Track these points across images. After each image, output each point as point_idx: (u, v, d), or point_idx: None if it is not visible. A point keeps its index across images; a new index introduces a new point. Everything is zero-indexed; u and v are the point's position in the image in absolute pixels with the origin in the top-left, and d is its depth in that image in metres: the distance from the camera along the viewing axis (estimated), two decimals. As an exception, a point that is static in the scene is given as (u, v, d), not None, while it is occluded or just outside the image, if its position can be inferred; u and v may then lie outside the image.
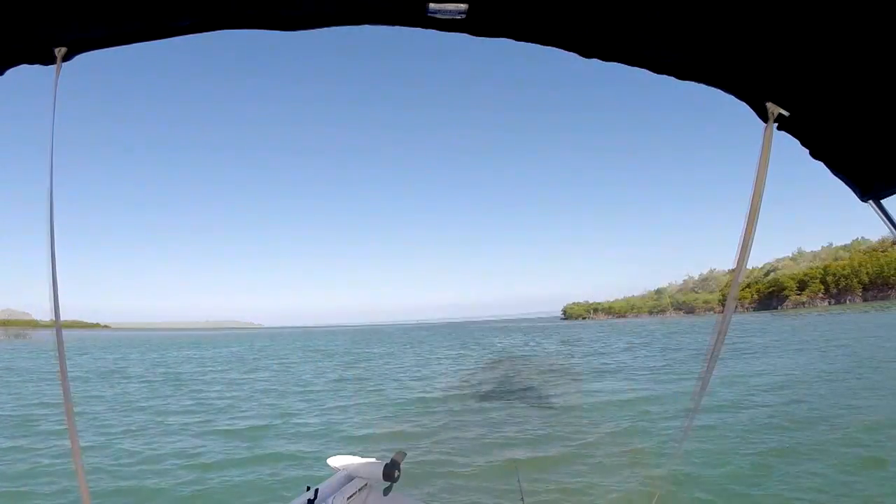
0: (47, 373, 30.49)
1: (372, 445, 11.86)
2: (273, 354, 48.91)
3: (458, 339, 71.71)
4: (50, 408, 17.08)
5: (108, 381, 26.45)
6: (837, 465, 8.84)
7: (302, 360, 41.21)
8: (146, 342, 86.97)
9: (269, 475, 9.59)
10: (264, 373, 30.52)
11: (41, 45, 1.34)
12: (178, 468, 10.15)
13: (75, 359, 41.93)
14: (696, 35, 1.39)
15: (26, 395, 20.56)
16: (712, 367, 1.73)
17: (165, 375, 29.43)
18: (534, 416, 14.55)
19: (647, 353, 33.91)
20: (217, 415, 16.38)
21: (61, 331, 1.42)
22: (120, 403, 18.67)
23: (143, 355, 49.11)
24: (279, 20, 1.37)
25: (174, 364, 38.51)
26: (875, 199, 1.67)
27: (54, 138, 1.44)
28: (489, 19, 1.37)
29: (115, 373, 31.13)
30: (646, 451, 10.38)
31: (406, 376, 26.08)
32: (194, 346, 71.03)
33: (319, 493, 3.28)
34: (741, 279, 1.63)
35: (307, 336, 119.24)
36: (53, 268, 1.39)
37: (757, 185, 1.48)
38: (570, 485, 8.54)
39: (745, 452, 9.76)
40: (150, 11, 1.31)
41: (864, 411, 12.76)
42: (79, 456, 1.44)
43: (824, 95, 1.47)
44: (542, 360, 33.10)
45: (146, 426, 14.35)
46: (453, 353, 43.75)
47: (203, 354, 50.62)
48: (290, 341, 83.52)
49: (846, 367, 21.13)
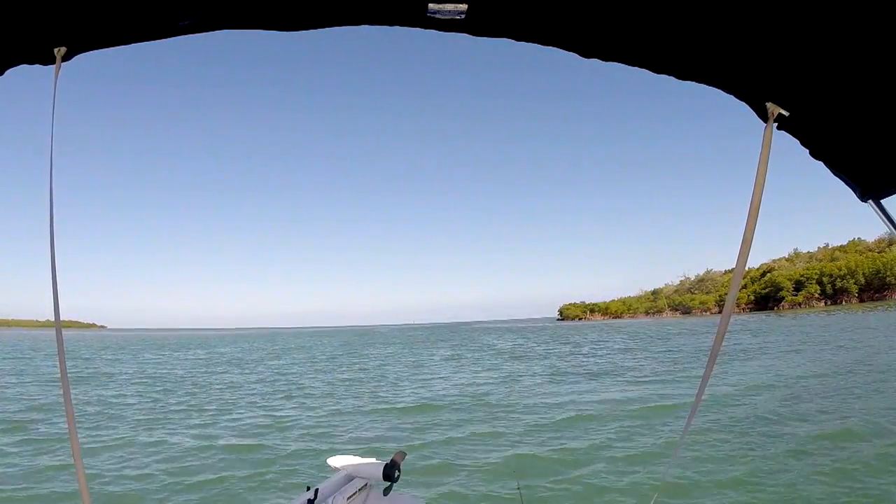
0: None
1: (372, 445, 11.87)
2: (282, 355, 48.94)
3: (457, 339, 71.85)
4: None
5: (100, 381, 26.42)
6: (838, 466, 8.89)
7: (299, 361, 41.20)
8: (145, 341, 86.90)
9: (269, 475, 9.61)
10: (264, 373, 30.56)
11: (41, 45, 1.34)
12: (176, 469, 10.16)
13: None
14: (696, 35, 1.39)
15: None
16: (711, 368, 1.72)
17: (166, 376, 29.45)
18: (533, 415, 14.59)
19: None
20: (216, 414, 16.41)
21: (61, 331, 1.41)
22: (119, 403, 18.67)
23: (140, 355, 49.17)
24: (279, 20, 1.37)
25: (174, 364, 38.53)
26: (875, 198, 1.68)
27: (54, 139, 1.44)
28: (489, 19, 1.38)
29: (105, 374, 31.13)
30: (645, 451, 10.42)
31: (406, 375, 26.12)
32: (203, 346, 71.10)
33: (319, 493, 3.27)
34: (740, 279, 1.62)
35: (301, 336, 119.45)
36: (53, 268, 1.38)
37: (757, 184, 1.49)
38: (569, 484, 8.56)
39: (745, 452, 9.80)
40: (150, 11, 1.31)
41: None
42: (79, 456, 1.44)
43: (824, 95, 1.47)
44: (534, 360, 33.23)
45: (146, 425, 14.35)
46: (448, 353, 43.91)
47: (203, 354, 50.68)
48: (287, 341, 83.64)
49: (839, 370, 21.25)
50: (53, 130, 1.44)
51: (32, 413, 16.48)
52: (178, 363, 40.39)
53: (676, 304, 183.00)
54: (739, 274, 1.58)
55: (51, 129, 1.44)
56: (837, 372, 20.37)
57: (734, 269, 1.57)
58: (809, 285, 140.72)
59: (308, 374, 29.54)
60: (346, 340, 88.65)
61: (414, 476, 9.00)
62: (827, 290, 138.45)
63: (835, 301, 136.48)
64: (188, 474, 9.79)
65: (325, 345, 71.09)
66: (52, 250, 1.39)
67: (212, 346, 73.23)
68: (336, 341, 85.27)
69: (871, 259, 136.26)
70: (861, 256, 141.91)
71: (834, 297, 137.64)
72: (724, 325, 1.67)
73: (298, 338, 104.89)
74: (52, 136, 1.44)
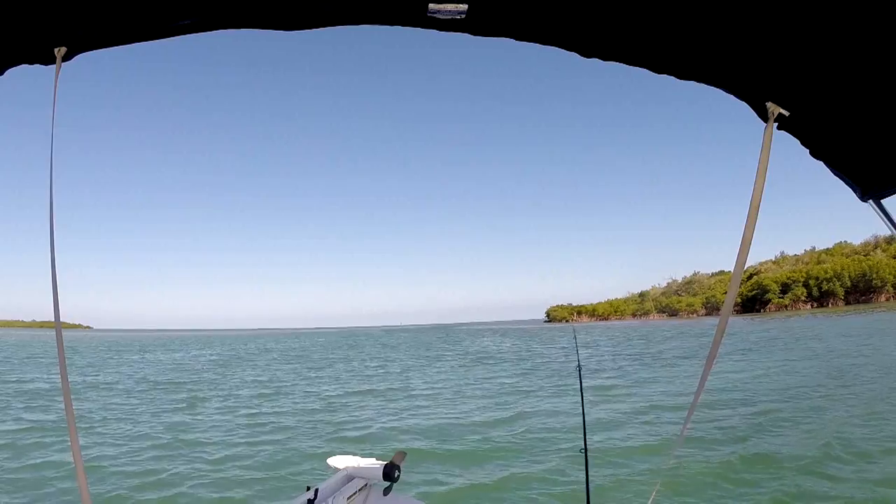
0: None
1: (372, 445, 11.86)
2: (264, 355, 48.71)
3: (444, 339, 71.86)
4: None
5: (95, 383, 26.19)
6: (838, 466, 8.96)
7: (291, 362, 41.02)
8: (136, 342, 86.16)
9: (269, 475, 9.58)
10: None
11: (41, 45, 1.34)
12: (176, 469, 10.11)
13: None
14: (697, 34, 1.40)
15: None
16: (710, 368, 1.73)
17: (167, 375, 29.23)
18: (532, 414, 14.60)
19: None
20: (216, 414, 16.34)
21: (61, 331, 1.41)
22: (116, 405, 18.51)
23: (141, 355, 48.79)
24: (279, 20, 1.37)
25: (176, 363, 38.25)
26: (875, 198, 1.69)
27: (54, 139, 1.43)
28: (489, 19, 1.38)
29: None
30: (643, 448, 10.46)
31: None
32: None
33: (319, 493, 3.28)
34: (740, 278, 1.63)
35: (287, 337, 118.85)
36: (53, 268, 1.38)
37: (757, 184, 1.50)
38: (568, 482, 8.57)
39: (742, 453, 9.85)
40: (150, 11, 1.31)
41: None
42: (79, 456, 1.43)
43: (824, 95, 1.48)
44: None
45: (145, 425, 14.24)
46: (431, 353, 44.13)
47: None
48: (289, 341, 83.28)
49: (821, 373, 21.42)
50: (54, 131, 1.43)
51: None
52: (176, 363, 40.05)
53: (663, 306, 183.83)
54: (739, 273, 1.59)
55: (51, 130, 1.43)
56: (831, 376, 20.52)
57: (733, 268, 1.58)
58: (796, 288, 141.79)
59: (299, 375, 29.39)
60: (331, 341, 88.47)
61: (414, 476, 9.00)
62: (813, 292, 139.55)
63: (821, 304, 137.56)
64: (188, 474, 9.73)
65: (315, 345, 70.79)
66: (51, 251, 1.38)
67: (199, 346, 72.70)
68: (323, 341, 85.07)
69: (857, 262, 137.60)
70: (847, 259, 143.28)
71: (820, 299, 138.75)
72: (723, 324, 1.68)
73: (284, 340, 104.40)
74: (52, 136, 1.44)
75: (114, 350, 64.81)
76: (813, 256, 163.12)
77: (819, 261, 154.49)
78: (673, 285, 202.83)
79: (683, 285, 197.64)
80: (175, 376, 30.12)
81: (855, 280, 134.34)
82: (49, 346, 61.67)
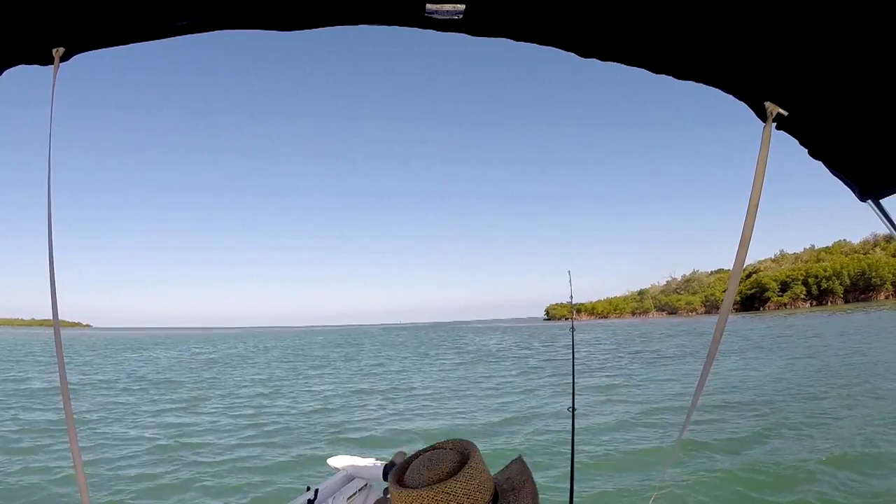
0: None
1: (372, 446, 11.87)
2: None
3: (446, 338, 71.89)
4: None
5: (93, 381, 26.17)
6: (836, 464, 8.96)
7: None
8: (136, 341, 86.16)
9: (269, 476, 9.57)
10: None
11: (39, 46, 1.33)
12: (176, 469, 10.10)
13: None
14: (695, 34, 1.39)
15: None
16: (709, 367, 1.72)
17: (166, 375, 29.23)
18: (532, 415, 14.61)
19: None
20: (216, 414, 16.34)
21: (60, 331, 1.40)
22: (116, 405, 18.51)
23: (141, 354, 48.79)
24: (277, 20, 1.37)
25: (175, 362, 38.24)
26: (874, 198, 1.69)
27: (52, 139, 1.43)
28: (487, 19, 1.38)
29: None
30: (643, 450, 10.45)
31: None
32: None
33: (319, 493, 3.27)
34: (739, 277, 1.63)
35: (286, 335, 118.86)
36: (52, 267, 1.37)
37: (756, 183, 1.50)
38: (567, 485, 8.55)
39: (742, 452, 9.85)
40: (149, 11, 1.30)
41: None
42: (78, 456, 1.42)
43: (823, 95, 1.48)
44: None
45: (144, 425, 14.24)
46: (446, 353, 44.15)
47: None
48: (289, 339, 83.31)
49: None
50: (52, 130, 1.43)
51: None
52: (174, 363, 40.05)
53: (663, 304, 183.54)
54: (738, 271, 1.59)
55: (49, 130, 1.42)
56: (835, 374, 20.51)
57: (733, 267, 1.58)
58: (795, 286, 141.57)
59: (299, 373, 29.40)
60: (330, 339, 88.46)
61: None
62: (813, 290, 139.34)
63: (820, 302, 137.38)
64: (188, 475, 9.74)
65: (314, 343, 70.80)
66: (50, 250, 1.37)
67: (199, 344, 72.72)
68: (324, 340, 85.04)
69: (856, 260, 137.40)
70: (846, 258, 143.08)
71: (819, 297, 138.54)
72: (722, 322, 1.68)
73: (285, 338, 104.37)
74: (50, 136, 1.43)
75: (113, 348, 64.82)
76: (812, 255, 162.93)
77: (818, 259, 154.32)
78: (672, 284, 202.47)
79: (683, 284, 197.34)
80: (174, 375, 30.15)
81: (854, 278, 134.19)
82: (48, 344, 61.64)
